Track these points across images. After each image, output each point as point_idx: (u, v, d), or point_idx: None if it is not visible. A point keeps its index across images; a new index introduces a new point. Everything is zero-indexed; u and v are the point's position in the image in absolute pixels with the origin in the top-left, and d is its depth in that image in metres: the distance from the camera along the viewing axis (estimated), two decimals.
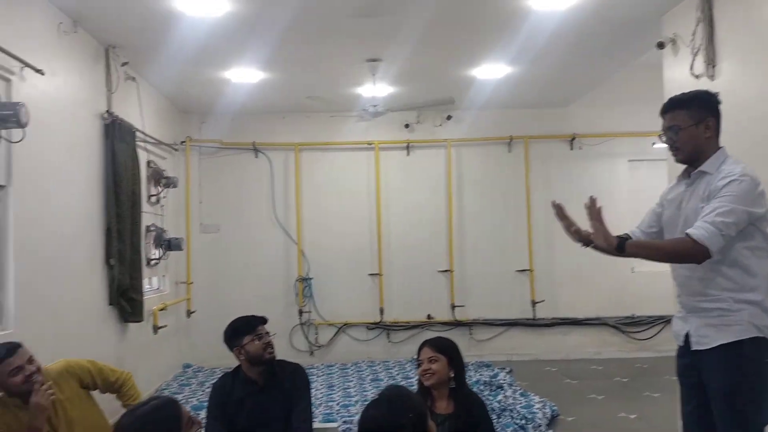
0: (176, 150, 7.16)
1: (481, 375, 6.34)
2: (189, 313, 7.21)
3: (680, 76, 4.39)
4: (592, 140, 7.54)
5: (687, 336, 2.59)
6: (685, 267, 2.56)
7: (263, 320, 3.29)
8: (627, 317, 7.45)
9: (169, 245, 6.38)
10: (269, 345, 3.20)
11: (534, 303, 7.54)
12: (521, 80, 6.44)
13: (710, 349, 2.48)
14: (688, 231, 2.37)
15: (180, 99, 6.99)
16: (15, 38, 3.69)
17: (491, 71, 6.13)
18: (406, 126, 7.66)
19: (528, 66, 5.99)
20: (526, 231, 7.60)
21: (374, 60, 5.64)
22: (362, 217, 7.66)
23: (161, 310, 6.21)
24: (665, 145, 2.69)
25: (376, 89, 6.15)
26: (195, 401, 5.69)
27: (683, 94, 2.64)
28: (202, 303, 7.30)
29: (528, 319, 7.57)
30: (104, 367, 3.20)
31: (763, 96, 3.60)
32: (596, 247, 2.59)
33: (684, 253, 2.41)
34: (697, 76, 4.17)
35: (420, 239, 7.66)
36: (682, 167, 2.68)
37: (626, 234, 2.72)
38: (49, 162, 4.15)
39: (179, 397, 5.84)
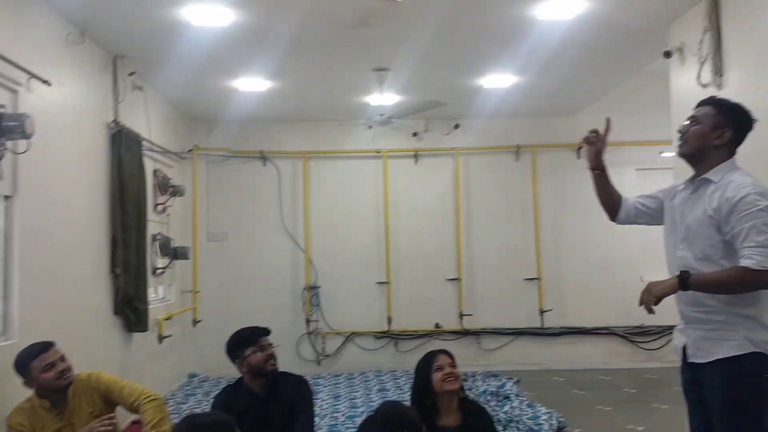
0: (183, 158, 7.18)
1: (488, 385, 6.29)
2: (195, 322, 7.21)
3: (687, 84, 4.35)
4: None
5: (684, 349, 2.56)
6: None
7: (266, 331, 3.27)
8: (636, 327, 7.37)
9: (176, 254, 6.39)
10: (272, 357, 3.19)
11: (542, 312, 7.49)
12: (528, 89, 6.42)
13: (708, 363, 2.44)
14: (744, 263, 2.29)
15: (187, 108, 7.02)
16: (23, 49, 3.72)
17: (498, 81, 6.12)
18: (414, 134, 7.65)
19: (535, 75, 5.97)
20: (534, 239, 7.55)
21: (381, 69, 5.64)
22: (370, 225, 7.65)
23: (166, 319, 6.22)
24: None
25: (383, 98, 6.14)
26: (199, 412, 5.68)
27: (725, 99, 2.61)
28: (208, 312, 7.30)
29: (536, 329, 7.52)
30: (126, 385, 3.10)
31: None
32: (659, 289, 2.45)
33: (753, 283, 2.32)
34: (704, 85, 4.14)
35: (428, 247, 7.63)
36: (687, 176, 2.65)
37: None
38: (55, 171, 4.17)
39: (183, 407, 5.84)
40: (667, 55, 4.54)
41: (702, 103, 2.58)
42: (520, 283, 7.56)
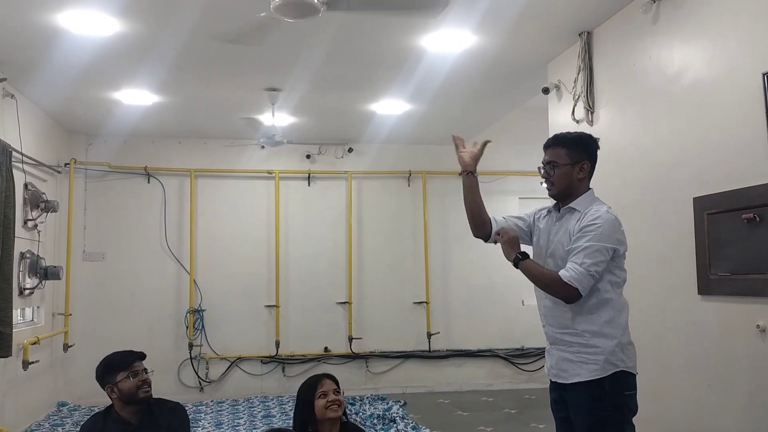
0: (59, 172, 6.74)
1: (375, 408, 6.30)
2: (66, 347, 6.71)
3: (563, 120, 4.64)
4: (486, 177, 7.74)
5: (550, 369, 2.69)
6: (549, 298, 2.64)
7: (141, 356, 3.09)
8: (517, 349, 7.68)
9: (46, 274, 5.96)
10: (145, 383, 3.00)
11: (429, 335, 7.63)
12: (420, 117, 6.60)
13: (572, 383, 2.56)
14: (561, 273, 2.49)
15: (65, 119, 6.61)
16: None
17: (390, 107, 6.25)
18: (308, 156, 7.64)
19: (426, 104, 6.15)
20: (423, 263, 7.71)
21: (273, 89, 5.60)
22: (260, 247, 7.51)
23: (33, 343, 5.74)
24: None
25: (275, 119, 6.09)
26: None
27: (568, 133, 2.78)
28: (81, 336, 6.83)
29: (423, 351, 7.64)
30: None
31: (636, 142, 3.87)
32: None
33: (557, 291, 2.53)
34: (578, 121, 4.44)
35: (319, 270, 7.59)
36: None
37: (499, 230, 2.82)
38: None
39: None
40: (545, 91, 4.84)
41: (551, 145, 2.72)
42: (409, 307, 7.68)
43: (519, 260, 2.62)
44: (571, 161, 2.66)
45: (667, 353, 3.51)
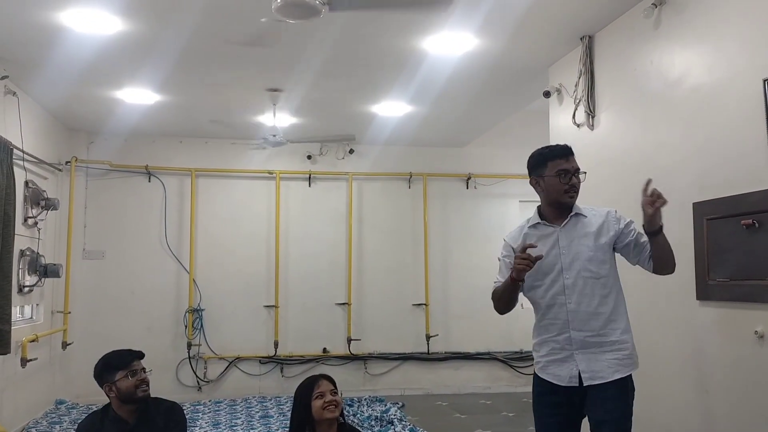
0: (60, 170, 6.75)
1: (373, 410, 6.30)
2: (65, 344, 6.72)
3: (564, 124, 4.65)
4: (487, 180, 7.82)
5: (579, 374, 2.64)
6: (575, 302, 2.64)
7: (139, 355, 3.09)
8: (515, 352, 7.68)
9: (46, 271, 5.96)
10: (143, 382, 3.00)
11: (428, 337, 7.63)
12: (421, 119, 6.61)
13: (603, 383, 2.59)
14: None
15: (67, 117, 6.62)
16: None
17: (392, 109, 6.25)
18: (309, 157, 7.64)
19: (427, 106, 6.16)
20: (423, 265, 7.71)
21: (275, 90, 5.61)
22: (260, 247, 7.51)
23: (32, 341, 5.75)
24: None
25: (276, 119, 6.10)
26: None
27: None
28: (80, 334, 6.83)
29: (422, 353, 7.64)
30: None
31: (637, 147, 3.87)
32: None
33: (673, 261, 2.69)
34: (578, 125, 4.44)
35: (319, 271, 7.59)
36: None
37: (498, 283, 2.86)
38: None
39: None
40: (547, 95, 4.84)
41: (572, 153, 2.80)
42: (409, 309, 7.68)
43: (661, 230, 2.60)
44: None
45: (666, 357, 3.51)
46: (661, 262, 2.65)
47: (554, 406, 2.73)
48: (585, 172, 2.80)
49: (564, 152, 2.79)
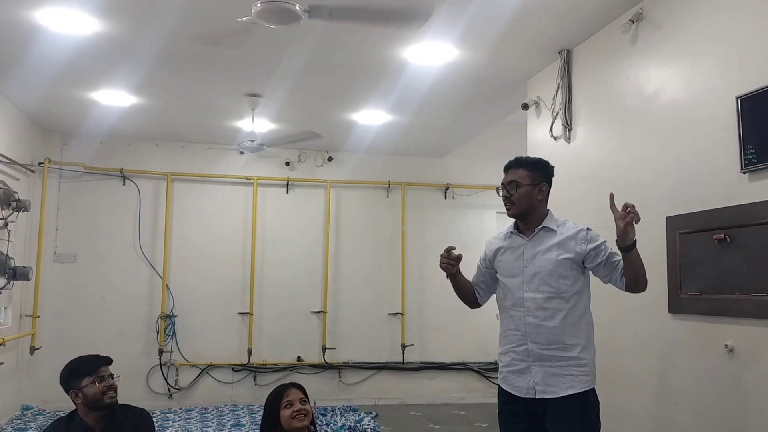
0: (32, 171, 6.63)
1: (346, 419, 6.26)
2: (33, 349, 6.57)
3: (541, 136, 4.68)
4: (465, 191, 7.85)
5: (533, 387, 2.68)
6: (533, 315, 2.69)
7: (107, 360, 3.03)
8: (490, 363, 7.69)
9: (15, 274, 5.84)
10: (111, 388, 2.94)
11: (404, 347, 7.60)
12: (401, 129, 6.62)
13: (559, 398, 2.60)
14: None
15: (41, 118, 6.51)
16: None
17: (371, 117, 6.25)
18: (287, 164, 7.61)
19: (407, 116, 6.17)
20: (400, 274, 7.70)
21: (254, 95, 5.57)
22: (235, 253, 7.44)
23: None
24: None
25: (255, 125, 6.06)
26: None
27: (528, 156, 2.90)
28: (49, 339, 6.69)
29: (397, 363, 7.61)
30: None
31: (613, 160, 3.90)
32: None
33: (645, 281, 2.67)
34: (555, 138, 4.47)
35: (295, 279, 7.53)
36: None
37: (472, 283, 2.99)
38: None
39: None
40: (525, 107, 4.88)
41: (513, 166, 2.82)
42: (385, 318, 7.65)
43: (634, 246, 2.57)
44: (532, 182, 2.77)
45: (637, 370, 3.53)
46: (634, 280, 2.63)
47: (515, 414, 2.76)
48: (508, 184, 2.79)
49: (506, 167, 2.87)
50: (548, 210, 2.83)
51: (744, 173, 2.84)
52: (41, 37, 4.30)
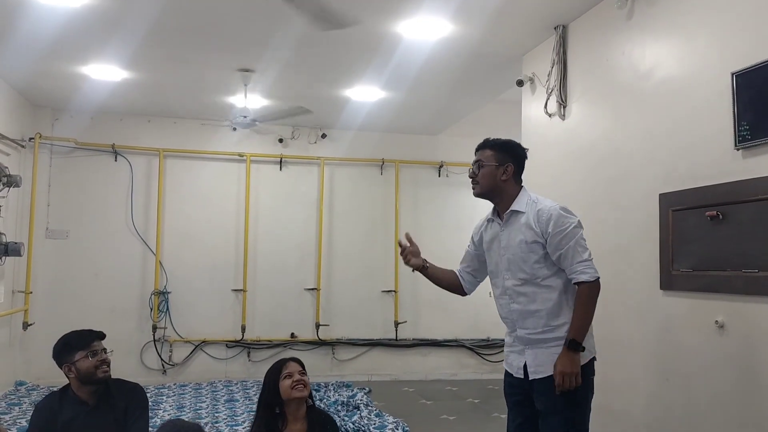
0: (23, 147, 6.57)
1: (339, 395, 6.30)
2: (26, 325, 6.56)
3: (536, 113, 4.66)
4: (458, 169, 7.83)
5: (524, 367, 2.73)
6: (518, 303, 2.73)
7: (100, 335, 3.03)
8: (482, 340, 7.75)
9: (6, 250, 5.80)
10: (104, 362, 2.94)
11: (397, 324, 7.64)
12: (395, 106, 6.57)
13: (549, 376, 2.62)
14: (580, 280, 2.61)
15: (31, 92, 6.43)
16: None
17: (365, 94, 6.20)
18: (280, 141, 7.56)
19: (401, 92, 6.12)
20: (393, 252, 7.69)
21: (246, 70, 5.51)
22: (229, 230, 7.42)
23: None
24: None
25: (248, 100, 6.00)
26: (24, 422, 5.17)
27: (497, 138, 2.89)
28: (41, 315, 6.68)
29: (390, 340, 7.66)
30: None
31: (607, 137, 3.89)
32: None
33: (596, 294, 2.65)
34: (550, 115, 4.46)
35: (288, 256, 7.53)
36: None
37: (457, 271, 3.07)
38: None
39: (6, 418, 5.30)
40: (520, 83, 4.84)
41: (480, 147, 2.86)
42: (378, 295, 7.68)
43: (575, 343, 2.57)
44: (497, 162, 2.78)
45: (628, 346, 3.56)
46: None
47: (512, 386, 2.85)
48: (474, 163, 2.84)
49: (476, 148, 2.89)
50: (522, 189, 2.81)
51: (738, 150, 2.84)
52: (29, 11, 4.24)
